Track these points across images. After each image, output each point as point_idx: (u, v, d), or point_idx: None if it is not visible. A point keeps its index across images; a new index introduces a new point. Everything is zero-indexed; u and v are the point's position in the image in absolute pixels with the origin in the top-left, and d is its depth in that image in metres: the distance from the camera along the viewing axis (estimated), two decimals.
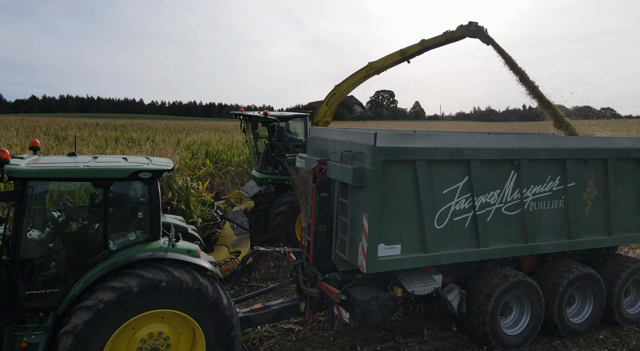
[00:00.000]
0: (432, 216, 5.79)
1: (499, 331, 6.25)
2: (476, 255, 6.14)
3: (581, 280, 6.74)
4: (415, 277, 6.07)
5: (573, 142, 6.55)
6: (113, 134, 24.93)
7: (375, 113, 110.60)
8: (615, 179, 6.88)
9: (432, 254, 5.84)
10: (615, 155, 6.81)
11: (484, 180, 6.05)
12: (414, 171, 5.58)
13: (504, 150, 6.05)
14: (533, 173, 6.35)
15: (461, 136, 5.88)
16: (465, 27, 9.57)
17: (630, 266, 7.15)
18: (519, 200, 6.33)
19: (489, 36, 9.19)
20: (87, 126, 35.07)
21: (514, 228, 6.40)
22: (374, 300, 5.71)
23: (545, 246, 6.58)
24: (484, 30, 9.32)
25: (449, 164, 5.81)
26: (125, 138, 21.64)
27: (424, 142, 5.60)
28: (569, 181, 6.57)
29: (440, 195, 5.83)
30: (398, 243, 5.68)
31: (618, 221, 7.04)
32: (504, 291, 6.19)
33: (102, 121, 47.26)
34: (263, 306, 5.96)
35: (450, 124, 74.67)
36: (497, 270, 6.50)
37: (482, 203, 6.07)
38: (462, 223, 6.04)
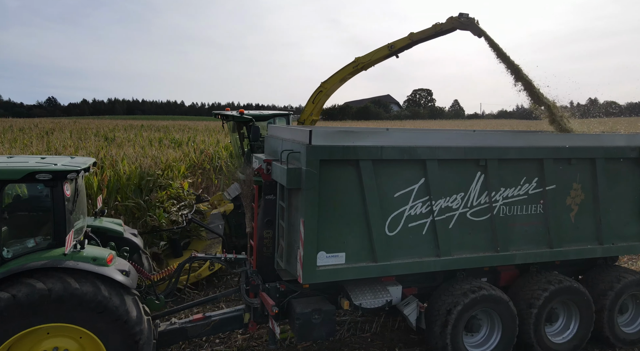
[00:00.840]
0: (382, 222, 5.25)
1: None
2: (436, 265, 5.55)
3: (563, 295, 6.01)
4: (367, 288, 5.54)
5: (551, 140, 5.84)
6: (157, 135, 25.46)
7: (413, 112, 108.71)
8: (606, 182, 6.12)
9: (383, 264, 5.29)
10: (605, 155, 6.04)
11: (444, 182, 5.45)
12: (358, 172, 5.06)
13: (467, 148, 5.43)
14: (503, 174, 5.70)
15: (414, 133, 5.32)
16: (456, 19, 8.91)
17: (625, 279, 6.34)
18: (488, 204, 5.69)
19: (480, 28, 8.51)
20: (133, 128, 36.18)
21: (483, 235, 5.76)
22: (316, 312, 5.23)
23: (521, 256, 5.90)
24: (475, 22, 8.64)
25: (401, 164, 5.25)
26: (168, 139, 21.88)
27: (370, 140, 5.07)
28: (548, 183, 5.86)
29: (391, 198, 5.28)
30: (342, 251, 5.17)
31: (611, 229, 6.26)
32: (468, 307, 5.57)
33: (146, 123, 48.83)
34: (202, 317, 5.59)
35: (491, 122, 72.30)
36: (464, 281, 5.87)
37: (442, 207, 5.47)
38: (419, 230, 5.46)
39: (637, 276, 6.41)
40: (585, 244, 6.23)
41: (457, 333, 5.55)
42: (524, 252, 5.91)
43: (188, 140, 20.85)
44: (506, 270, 6.43)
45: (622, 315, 6.63)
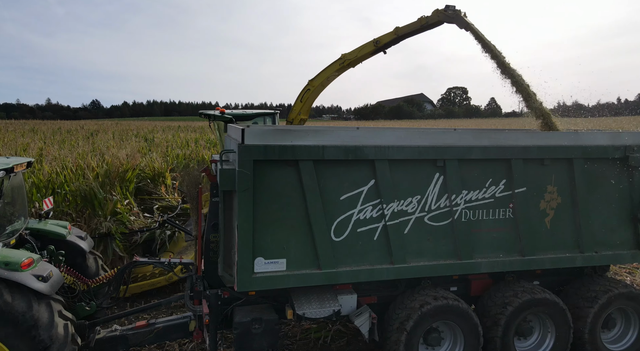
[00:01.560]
0: (327, 226, 4.92)
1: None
2: (389, 273, 5.16)
3: (535, 308, 5.52)
4: (315, 297, 5.22)
5: (520, 139, 5.35)
6: (193, 136, 25.80)
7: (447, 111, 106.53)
8: (585, 184, 5.58)
9: (328, 271, 4.96)
10: (584, 155, 5.51)
11: (397, 185, 5.07)
12: (298, 173, 4.75)
13: (422, 148, 5.03)
14: (466, 176, 5.26)
15: (361, 132, 4.96)
16: (442, 11, 8.44)
17: (610, 292, 5.77)
18: (448, 208, 5.27)
19: (466, 21, 8.01)
20: (170, 128, 37.02)
21: (444, 241, 5.34)
22: (256, 322, 4.95)
23: (487, 264, 5.44)
24: (461, 14, 8.15)
25: (347, 165, 4.91)
26: (204, 140, 22.10)
27: (310, 139, 4.75)
28: (518, 186, 5.39)
29: (337, 201, 4.94)
30: (282, 257, 4.87)
31: (593, 235, 5.72)
32: (423, 318, 5.16)
33: (183, 124, 50.32)
34: (146, 324, 5.40)
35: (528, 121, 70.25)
36: (424, 291, 5.47)
37: (395, 211, 5.09)
38: (370, 235, 5.10)
39: (625, 289, 5.83)
40: (564, 252, 5.70)
41: (412, 348, 5.16)
42: (490, 260, 5.45)
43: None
44: (477, 279, 5.98)
45: (609, 330, 6.05)
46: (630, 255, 5.89)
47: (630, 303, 5.85)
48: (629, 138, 5.64)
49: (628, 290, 5.79)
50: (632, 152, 5.59)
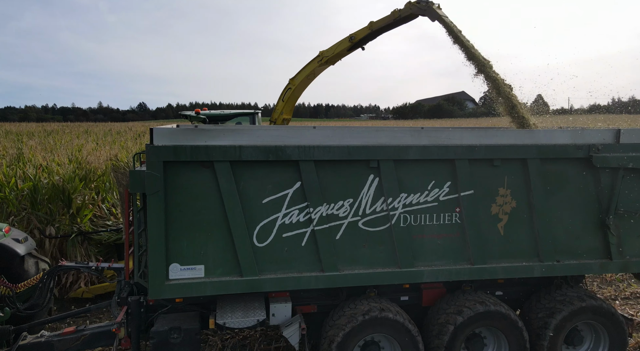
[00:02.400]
0: (249, 231, 4.65)
1: None
2: (318, 281, 4.84)
3: (484, 321, 5.07)
4: (242, 305, 4.95)
5: (465, 137, 4.92)
6: None
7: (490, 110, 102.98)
8: (543, 186, 5.09)
9: (250, 279, 4.68)
10: (540, 154, 5.02)
11: (326, 187, 4.75)
12: (214, 175, 4.50)
13: (352, 148, 4.68)
14: (404, 178, 4.88)
15: (283, 131, 4.65)
16: (414, 4, 8.02)
17: (573, 304, 5.25)
18: (385, 212, 4.90)
19: (437, 12, 7.57)
20: None
21: (381, 248, 4.97)
22: (175, 331, 4.72)
23: (430, 273, 5.03)
24: (433, 6, 7.71)
25: (269, 166, 4.62)
26: None
27: (226, 139, 4.49)
28: (464, 188, 4.96)
29: (259, 205, 4.66)
30: (200, 263, 4.63)
31: (554, 243, 5.21)
32: (354, 333, 4.81)
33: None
34: (73, 330, 5.25)
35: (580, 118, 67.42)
36: (359, 301, 5.12)
37: (324, 215, 4.76)
38: (297, 241, 4.79)
39: (591, 302, 5.29)
40: (520, 261, 5.22)
41: None
42: (434, 269, 5.04)
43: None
44: (430, 289, 5.57)
45: (575, 347, 5.51)
46: (598, 265, 5.34)
47: (598, 318, 5.30)
48: (592, 136, 5.11)
49: (594, 304, 5.25)
50: (595, 151, 5.06)
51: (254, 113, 10.19)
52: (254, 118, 10.16)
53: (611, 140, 5.15)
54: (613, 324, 5.31)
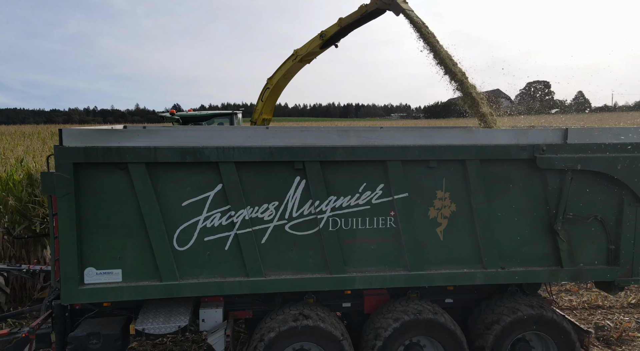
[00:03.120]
0: (168, 235, 4.51)
1: None
2: (243, 287, 4.67)
3: (416, 331, 4.82)
4: (166, 310, 4.82)
5: (397, 138, 4.67)
6: None
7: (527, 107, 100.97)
8: (484, 190, 4.81)
9: (170, 283, 4.54)
10: (480, 156, 4.74)
11: (249, 190, 4.58)
12: (129, 177, 4.37)
13: (274, 149, 4.50)
14: (332, 180, 4.67)
15: (201, 132, 4.48)
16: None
17: (515, 314, 4.96)
18: (313, 216, 4.70)
19: (401, 6, 7.32)
20: None
21: (310, 253, 4.77)
22: (94, 337, 4.62)
23: (362, 279, 4.82)
24: (398, 0, 7.46)
25: (188, 168, 4.47)
26: None
27: (141, 140, 4.35)
28: (398, 191, 4.72)
29: (178, 208, 4.52)
30: (118, 267, 4.51)
31: (499, 249, 4.93)
32: (278, 339, 4.63)
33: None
34: (7, 333, 5.20)
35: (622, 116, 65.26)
36: (288, 308, 4.93)
37: (248, 219, 4.59)
38: (220, 245, 4.64)
39: (536, 311, 4.98)
40: (461, 267, 4.96)
41: None
42: (367, 275, 4.82)
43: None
44: (372, 295, 5.35)
45: None
46: (547, 273, 5.03)
47: (544, 329, 5.00)
48: (537, 136, 4.80)
49: (537, 314, 4.95)
50: (540, 152, 4.76)
51: (233, 113, 10.07)
52: (233, 119, 10.04)
53: (558, 140, 4.84)
54: (560, 335, 5.00)
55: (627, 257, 5.05)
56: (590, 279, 5.16)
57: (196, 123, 10.02)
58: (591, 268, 5.07)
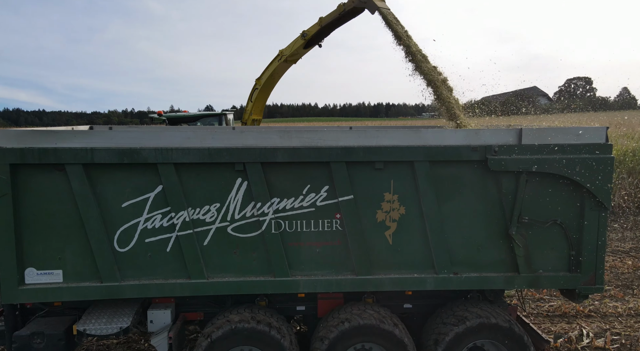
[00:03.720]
0: (108, 236, 4.50)
1: None
2: (184, 289, 4.63)
3: (360, 337, 4.69)
4: (111, 311, 4.82)
5: (341, 139, 4.55)
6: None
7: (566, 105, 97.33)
8: (435, 192, 4.64)
9: (111, 285, 4.54)
10: (429, 157, 4.57)
11: (189, 191, 4.53)
12: (67, 178, 4.38)
13: (213, 150, 4.43)
14: (274, 181, 4.58)
15: (140, 133, 4.45)
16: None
17: (464, 323, 4.77)
18: (256, 218, 4.62)
19: (376, 4, 7.16)
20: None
21: (254, 255, 4.70)
22: (37, 336, 4.65)
23: (307, 283, 4.72)
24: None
25: (127, 170, 4.45)
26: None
27: (78, 141, 4.35)
28: (343, 193, 4.60)
29: (119, 209, 4.50)
30: (59, 268, 4.53)
31: (451, 254, 4.76)
32: (217, 342, 4.57)
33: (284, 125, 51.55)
34: None
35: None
36: (235, 311, 4.87)
37: (188, 220, 4.54)
38: (162, 247, 4.61)
39: (487, 320, 4.78)
40: (411, 272, 4.80)
41: None
42: (313, 279, 4.72)
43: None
44: (325, 299, 5.23)
45: None
46: (503, 279, 4.83)
47: (495, 336, 4.79)
48: (490, 137, 4.61)
49: (489, 321, 4.74)
50: (492, 153, 4.56)
51: (222, 114, 10.07)
52: (222, 119, 10.04)
53: (513, 141, 4.63)
54: (513, 343, 4.79)
55: (589, 264, 4.80)
56: (550, 286, 4.93)
57: (184, 124, 10.07)
58: (551, 275, 4.85)
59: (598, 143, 4.62)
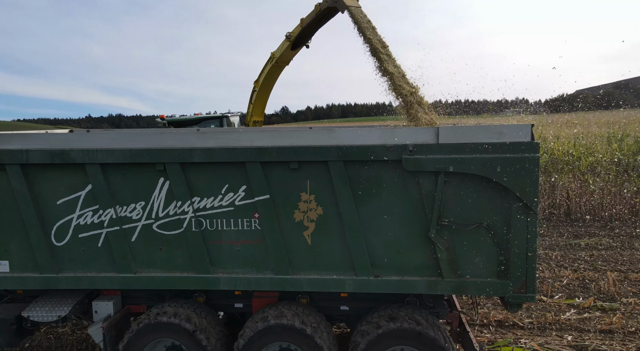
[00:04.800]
0: (45, 231, 4.91)
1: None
2: (113, 282, 4.93)
3: (275, 336, 4.73)
4: (56, 300, 5.24)
5: (255, 139, 4.62)
6: None
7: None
8: (352, 193, 4.60)
9: (48, 276, 4.94)
10: (343, 157, 4.53)
11: (116, 189, 4.83)
12: (7, 177, 4.83)
13: (134, 151, 4.69)
14: (194, 181, 4.76)
15: (70, 135, 4.80)
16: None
17: (378, 329, 4.65)
18: (178, 216, 4.83)
19: (345, 3, 7.14)
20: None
21: (178, 252, 4.91)
22: None
23: (228, 281, 4.85)
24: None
25: (60, 169, 4.82)
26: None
27: (15, 144, 4.79)
28: (259, 193, 4.69)
29: (54, 205, 4.89)
30: (5, 259, 5.00)
31: (371, 256, 4.69)
32: (141, 334, 4.81)
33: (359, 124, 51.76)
34: None
35: None
36: (161, 305, 5.10)
37: (115, 218, 4.84)
38: (94, 242, 4.94)
39: (401, 325, 4.63)
40: (330, 274, 4.78)
41: None
42: (233, 277, 4.84)
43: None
44: (259, 297, 5.34)
45: None
46: (425, 283, 4.66)
47: (415, 344, 4.63)
48: (404, 136, 4.48)
49: (403, 327, 4.60)
50: (407, 153, 4.43)
51: (223, 117, 10.43)
52: (223, 122, 10.41)
53: (430, 140, 4.48)
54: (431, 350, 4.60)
55: (519, 270, 4.52)
56: (476, 293, 4.68)
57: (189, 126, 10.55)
58: (478, 281, 4.61)
59: (522, 141, 4.35)
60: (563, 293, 8.24)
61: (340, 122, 79.10)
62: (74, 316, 5.17)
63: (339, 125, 7.16)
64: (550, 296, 8.03)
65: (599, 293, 8.12)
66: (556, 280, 8.77)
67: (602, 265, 9.48)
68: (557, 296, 8.06)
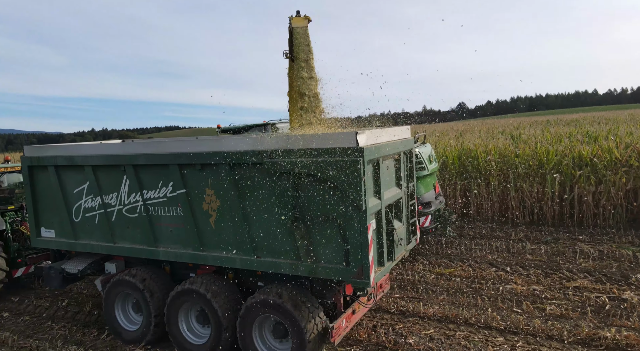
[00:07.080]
0: (70, 210, 7.26)
1: (117, 327, 6.97)
2: (102, 249, 7.04)
3: (185, 297, 6.19)
4: (82, 259, 7.60)
5: (175, 146, 6.12)
6: (566, 130, 23.12)
7: None
8: (235, 189, 5.75)
9: (72, 241, 7.31)
10: (226, 160, 5.73)
11: (101, 183, 6.88)
12: (47, 174, 7.32)
13: (109, 156, 6.65)
14: (143, 178, 6.50)
15: (76, 147, 7.00)
16: None
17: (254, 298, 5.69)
18: (135, 204, 6.65)
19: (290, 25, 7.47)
20: (538, 124, 35.63)
21: (139, 230, 6.72)
22: (52, 270, 7.73)
23: (164, 253, 6.49)
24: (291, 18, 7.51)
25: (72, 169, 7.10)
26: (581, 134, 19.16)
27: (52, 151, 7.23)
28: (179, 188, 6.20)
29: (72, 194, 7.21)
30: (52, 228, 7.54)
31: (253, 240, 5.78)
32: (112, 287, 6.79)
33: (552, 117, 46.23)
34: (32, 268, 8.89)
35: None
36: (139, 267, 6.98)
37: (101, 203, 6.90)
38: (93, 219, 7.10)
39: (264, 297, 5.61)
40: (227, 253, 6.01)
41: (111, 313, 6.91)
42: (167, 250, 6.46)
43: (608, 134, 17.43)
44: (202, 269, 6.84)
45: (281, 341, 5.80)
46: (288, 265, 5.54)
47: (278, 314, 5.53)
48: (268, 144, 5.43)
49: (272, 300, 5.53)
50: (268, 157, 5.40)
51: (266, 124, 11.22)
52: (268, 129, 11.13)
53: (286, 146, 5.34)
54: (290, 320, 5.45)
55: (355, 257, 5.09)
56: (328, 276, 5.33)
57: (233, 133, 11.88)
58: (328, 266, 5.30)
59: (348, 146, 4.93)
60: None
61: (528, 116, 65.76)
62: (90, 271, 7.45)
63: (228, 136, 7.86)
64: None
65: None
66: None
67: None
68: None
